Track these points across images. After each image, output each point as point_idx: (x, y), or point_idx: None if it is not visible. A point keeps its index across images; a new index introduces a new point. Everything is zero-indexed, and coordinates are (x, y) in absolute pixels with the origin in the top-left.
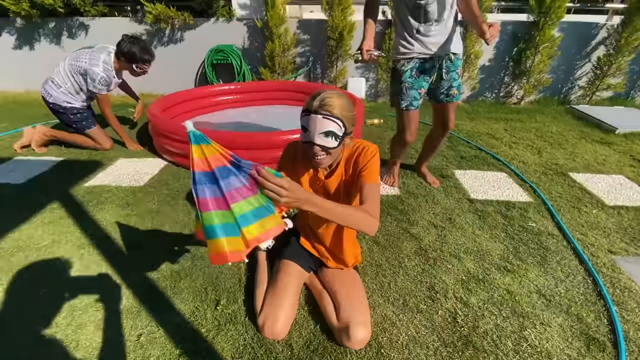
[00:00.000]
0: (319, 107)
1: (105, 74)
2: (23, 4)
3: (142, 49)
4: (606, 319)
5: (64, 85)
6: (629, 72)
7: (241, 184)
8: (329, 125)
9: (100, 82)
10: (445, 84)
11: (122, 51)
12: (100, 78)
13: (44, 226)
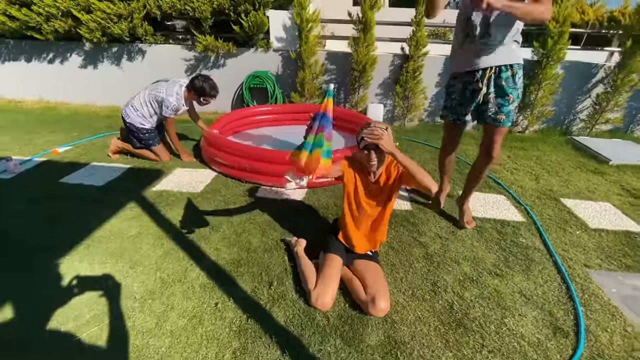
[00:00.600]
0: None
1: (176, 103)
2: (96, 32)
3: (211, 87)
4: (572, 316)
5: (141, 109)
6: (627, 108)
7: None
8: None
9: (171, 109)
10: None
11: (194, 86)
12: (173, 106)
13: (129, 220)
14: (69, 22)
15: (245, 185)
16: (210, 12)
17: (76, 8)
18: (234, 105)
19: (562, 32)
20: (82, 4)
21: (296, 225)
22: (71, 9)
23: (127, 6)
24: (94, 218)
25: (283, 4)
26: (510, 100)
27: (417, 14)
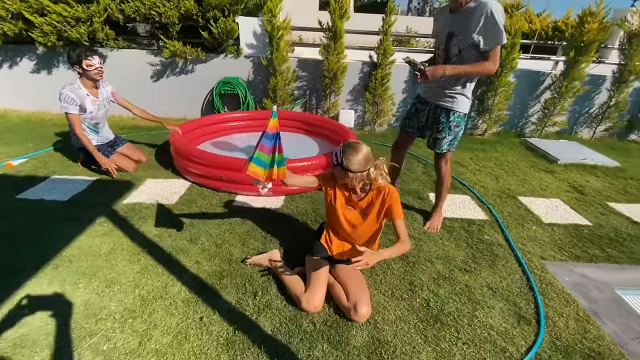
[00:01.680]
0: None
1: (70, 92)
2: (51, 36)
3: (81, 49)
4: (533, 304)
5: (70, 128)
6: (571, 112)
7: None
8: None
9: (65, 99)
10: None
11: (70, 61)
12: (65, 96)
13: (100, 237)
14: (20, 24)
15: (222, 194)
16: (178, 17)
17: (28, 10)
18: (203, 111)
19: (514, 43)
20: (35, 6)
21: (275, 233)
22: (22, 10)
23: (86, 9)
24: (60, 236)
25: (252, 10)
26: (442, 137)
27: (384, 24)
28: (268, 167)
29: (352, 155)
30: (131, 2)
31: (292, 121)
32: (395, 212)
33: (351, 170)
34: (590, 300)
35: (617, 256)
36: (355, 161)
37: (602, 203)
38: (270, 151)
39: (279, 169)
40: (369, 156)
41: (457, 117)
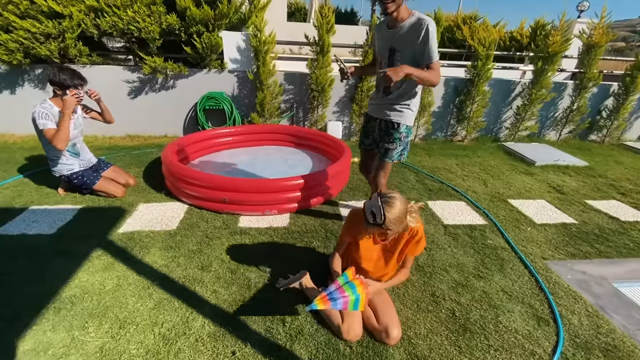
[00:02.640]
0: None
1: (43, 110)
2: (17, 54)
3: (73, 74)
4: (546, 304)
5: (51, 154)
6: (540, 117)
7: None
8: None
9: (41, 116)
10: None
11: (52, 82)
12: (40, 113)
13: (101, 272)
14: None
15: (224, 216)
16: (159, 32)
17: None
18: (186, 128)
19: (489, 55)
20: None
21: (288, 253)
22: None
23: (57, 25)
24: (54, 274)
25: (236, 25)
26: (394, 147)
27: (368, 37)
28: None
29: (390, 215)
30: (108, 17)
31: (281, 135)
32: (413, 250)
33: (389, 229)
34: (595, 296)
35: (606, 251)
36: (394, 220)
37: (581, 201)
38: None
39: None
40: (405, 208)
41: (405, 128)
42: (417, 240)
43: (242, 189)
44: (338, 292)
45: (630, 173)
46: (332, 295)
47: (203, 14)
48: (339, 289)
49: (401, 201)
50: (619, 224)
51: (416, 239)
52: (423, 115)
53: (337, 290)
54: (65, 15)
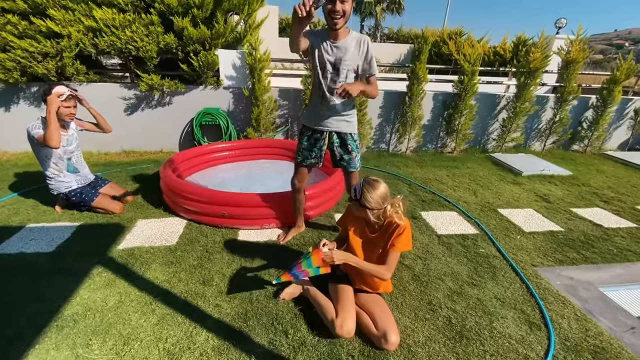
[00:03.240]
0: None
1: (35, 123)
2: (14, 73)
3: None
4: (537, 310)
5: (51, 171)
6: (524, 129)
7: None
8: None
9: (32, 127)
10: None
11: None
12: (32, 125)
13: (102, 289)
14: None
15: (223, 230)
16: (157, 51)
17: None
18: (181, 143)
19: (474, 70)
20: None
21: (288, 265)
22: None
23: (55, 44)
24: (55, 293)
25: (232, 43)
26: (354, 156)
27: None
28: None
29: (369, 193)
30: (106, 36)
31: (276, 149)
32: (396, 245)
33: (368, 207)
34: (582, 300)
35: (592, 257)
36: (372, 198)
37: (566, 209)
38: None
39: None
40: (387, 194)
41: (357, 136)
42: (400, 233)
43: (241, 203)
44: (296, 268)
45: (611, 181)
46: (293, 272)
47: (200, 34)
48: (298, 266)
49: (384, 187)
50: (603, 231)
51: (399, 232)
52: (414, 128)
53: (296, 266)
54: (64, 35)
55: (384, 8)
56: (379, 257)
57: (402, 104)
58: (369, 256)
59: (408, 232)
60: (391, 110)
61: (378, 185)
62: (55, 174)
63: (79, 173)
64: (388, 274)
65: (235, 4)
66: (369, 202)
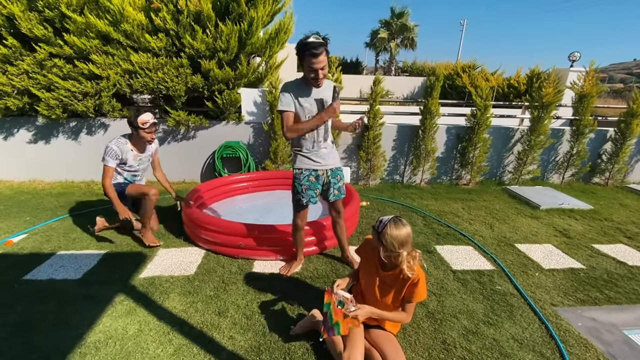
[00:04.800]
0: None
1: (116, 147)
2: (56, 110)
3: (138, 113)
4: (558, 353)
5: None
6: (541, 161)
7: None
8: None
9: (108, 153)
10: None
11: (131, 123)
12: (110, 150)
13: (123, 317)
14: (25, 99)
15: (240, 261)
16: (185, 90)
17: (36, 87)
18: (203, 175)
19: (487, 105)
20: (44, 83)
21: (301, 298)
22: (30, 87)
23: (95, 85)
24: (80, 319)
25: (253, 82)
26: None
27: (373, 92)
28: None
29: (390, 230)
30: (140, 78)
31: None
32: (413, 297)
33: (383, 244)
34: (606, 344)
35: (615, 297)
36: (390, 237)
37: (587, 245)
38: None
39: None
40: (407, 240)
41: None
42: (414, 283)
43: (256, 234)
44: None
45: (635, 216)
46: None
47: (225, 75)
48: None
49: (407, 232)
50: (627, 269)
51: (413, 281)
52: (427, 161)
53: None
54: (103, 77)
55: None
56: (393, 297)
57: (416, 137)
58: (383, 294)
59: (423, 283)
60: (405, 143)
61: (401, 227)
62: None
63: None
64: (409, 319)
65: (258, 48)
66: (385, 240)
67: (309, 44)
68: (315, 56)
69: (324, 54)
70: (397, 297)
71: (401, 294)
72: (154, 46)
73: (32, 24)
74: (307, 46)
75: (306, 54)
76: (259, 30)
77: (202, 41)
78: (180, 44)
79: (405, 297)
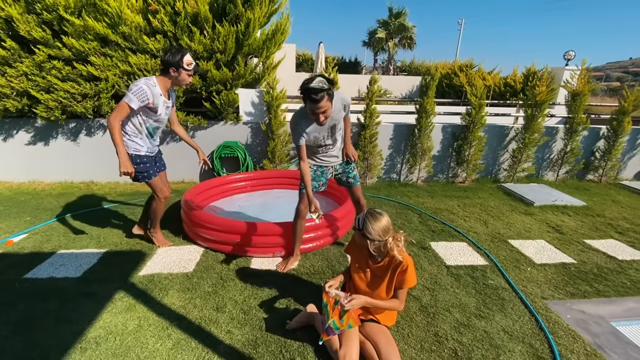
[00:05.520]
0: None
1: (145, 87)
2: (55, 111)
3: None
4: (547, 344)
5: (128, 127)
6: (535, 159)
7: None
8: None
9: (136, 92)
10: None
11: (167, 62)
12: (139, 90)
13: (123, 313)
14: (24, 100)
15: (238, 258)
16: (183, 91)
17: (35, 88)
18: (202, 174)
19: (481, 104)
20: (43, 85)
21: (298, 293)
22: (29, 89)
23: (94, 87)
24: (80, 315)
25: (251, 82)
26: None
27: (369, 91)
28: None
29: (371, 224)
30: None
31: (289, 179)
32: (404, 284)
33: (369, 238)
34: (593, 335)
35: (604, 290)
36: (373, 230)
37: (579, 241)
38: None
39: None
40: (389, 227)
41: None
42: (404, 270)
43: (253, 232)
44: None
45: (626, 212)
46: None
47: (222, 75)
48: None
49: (386, 220)
50: (617, 263)
51: (402, 268)
52: (424, 159)
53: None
54: (102, 78)
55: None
56: (386, 287)
57: (412, 135)
58: (375, 286)
59: (412, 269)
60: (401, 141)
61: (380, 218)
62: (134, 132)
63: (152, 139)
64: (402, 306)
65: (255, 49)
66: (370, 234)
67: (310, 89)
68: (316, 102)
69: (325, 100)
70: (389, 287)
71: (393, 283)
72: (152, 48)
73: (31, 26)
74: (309, 91)
75: (307, 98)
76: (255, 31)
77: (199, 42)
78: (178, 45)
79: (397, 284)
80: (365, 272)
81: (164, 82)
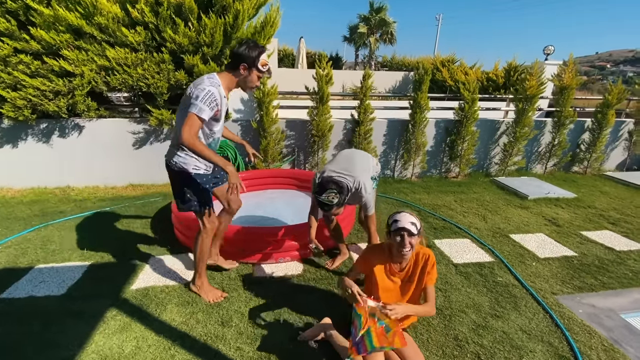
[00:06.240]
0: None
1: (214, 89)
2: (24, 110)
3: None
4: (565, 341)
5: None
6: (525, 153)
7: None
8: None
9: (206, 99)
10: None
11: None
12: (209, 94)
13: (117, 334)
14: None
15: (238, 266)
16: (167, 87)
17: (0, 85)
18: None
19: (474, 98)
20: (9, 81)
21: (306, 302)
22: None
23: (67, 83)
24: (68, 338)
25: None
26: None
27: (363, 87)
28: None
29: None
30: (118, 74)
31: (284, 179)
32: (431, 275)
33: (418, 233)
34: (607, 329)
35: (609, 282)
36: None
37: (576, 233)
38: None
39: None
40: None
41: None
42: (432, 264)
43: (256, 238)
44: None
45: (615, 202)
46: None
47: (210, 70)
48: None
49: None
50: (616, 254)
51: (430, 262)
52: (418, 155)
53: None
54: (77, 74)
55: (377, 38)
56: (415, 291)
57: (406, 131)
58: (406, 293)
59: (434, 261)
60: (395, 137)
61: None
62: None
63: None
64: (434, 309)
65: None
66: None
67: (320, 202)
68: (325, 211)
69: (334, 209)
70: (418, 289)
71: (422, 283)
72: (131, 40)
73: None
74: (319, 202)
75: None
76: (244, 23)
77: (184, 35)
78: (161, 38)
79: (427, 282)
80: (393, 280)
81: (229, 82)
